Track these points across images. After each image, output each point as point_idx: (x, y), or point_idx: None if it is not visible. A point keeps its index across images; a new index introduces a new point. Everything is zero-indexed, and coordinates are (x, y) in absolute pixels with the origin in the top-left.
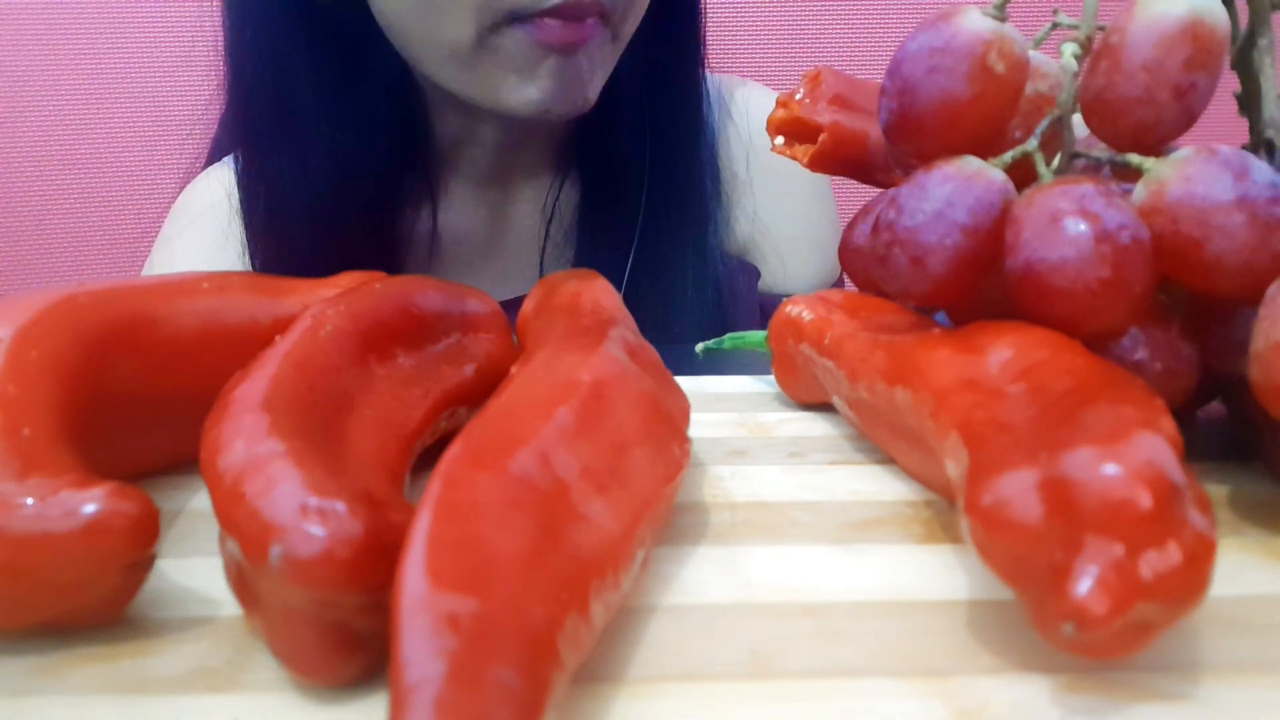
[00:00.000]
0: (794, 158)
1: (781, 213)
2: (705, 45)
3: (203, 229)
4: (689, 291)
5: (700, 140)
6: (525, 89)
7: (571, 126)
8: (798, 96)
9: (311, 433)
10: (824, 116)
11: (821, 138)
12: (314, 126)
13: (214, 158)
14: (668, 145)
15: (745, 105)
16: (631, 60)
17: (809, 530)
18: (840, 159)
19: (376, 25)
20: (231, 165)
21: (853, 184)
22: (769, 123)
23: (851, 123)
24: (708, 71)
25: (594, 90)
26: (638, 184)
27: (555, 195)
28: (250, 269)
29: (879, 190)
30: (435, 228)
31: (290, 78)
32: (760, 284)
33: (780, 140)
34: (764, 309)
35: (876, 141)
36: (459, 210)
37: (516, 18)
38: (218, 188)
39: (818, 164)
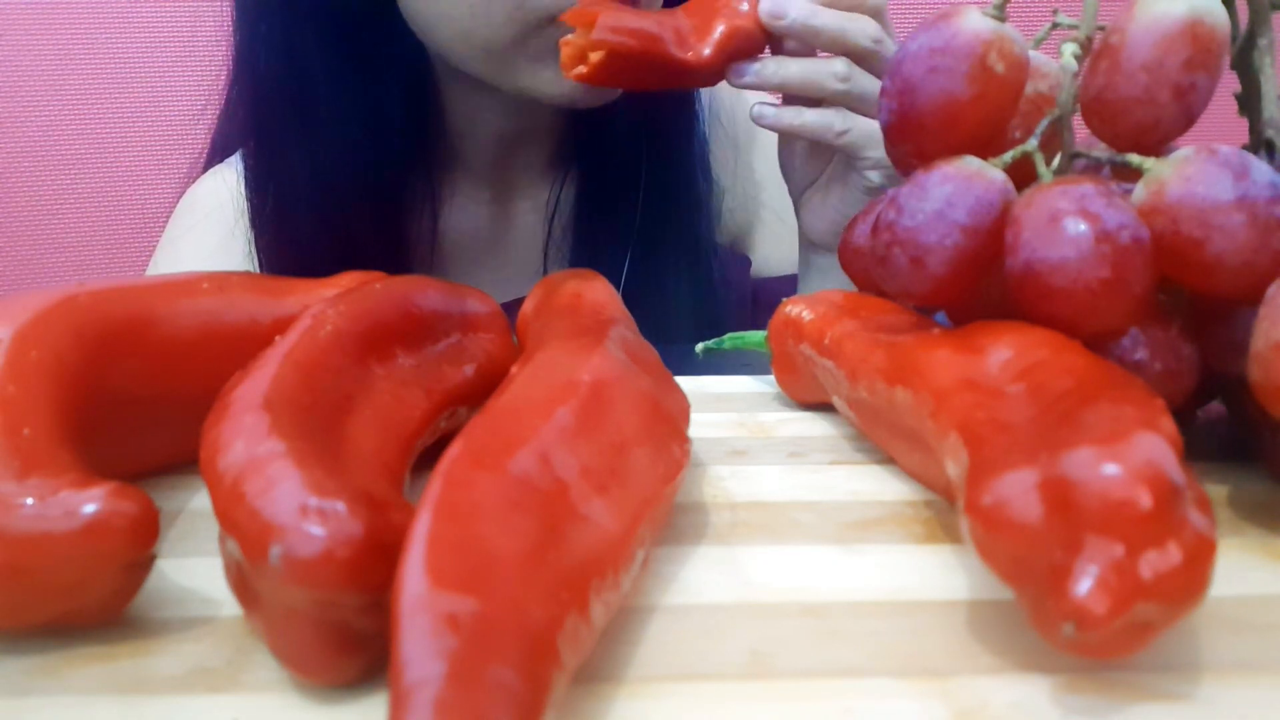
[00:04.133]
0: (592, 66)
1: (766, 202)
2: None
3: (209, 229)
4: (684, 285)
5: (693, 136)
6: (558, 82)
7: (571, 122)
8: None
9: (311, 433)
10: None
11: (601, 14)
12: (326, 119)
13: (216, 156)
14: (663, 141)
15: (731, 102)
16: None
17: (809, 530)
18: (628, 33)
19: (392, 15)
20: (236, 165)
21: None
22: (564, 66)
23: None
24: None
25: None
26: (634, 180)
27: (558, 192)
28: (256, 269)
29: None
30: (437, 228)
31: (303, 69)
32: (751, 271)
33: (582, 69)
34: (756, 295)
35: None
36: (462, 211)
37: (554, 17)
38: (223, 188)
39: (608, 39)
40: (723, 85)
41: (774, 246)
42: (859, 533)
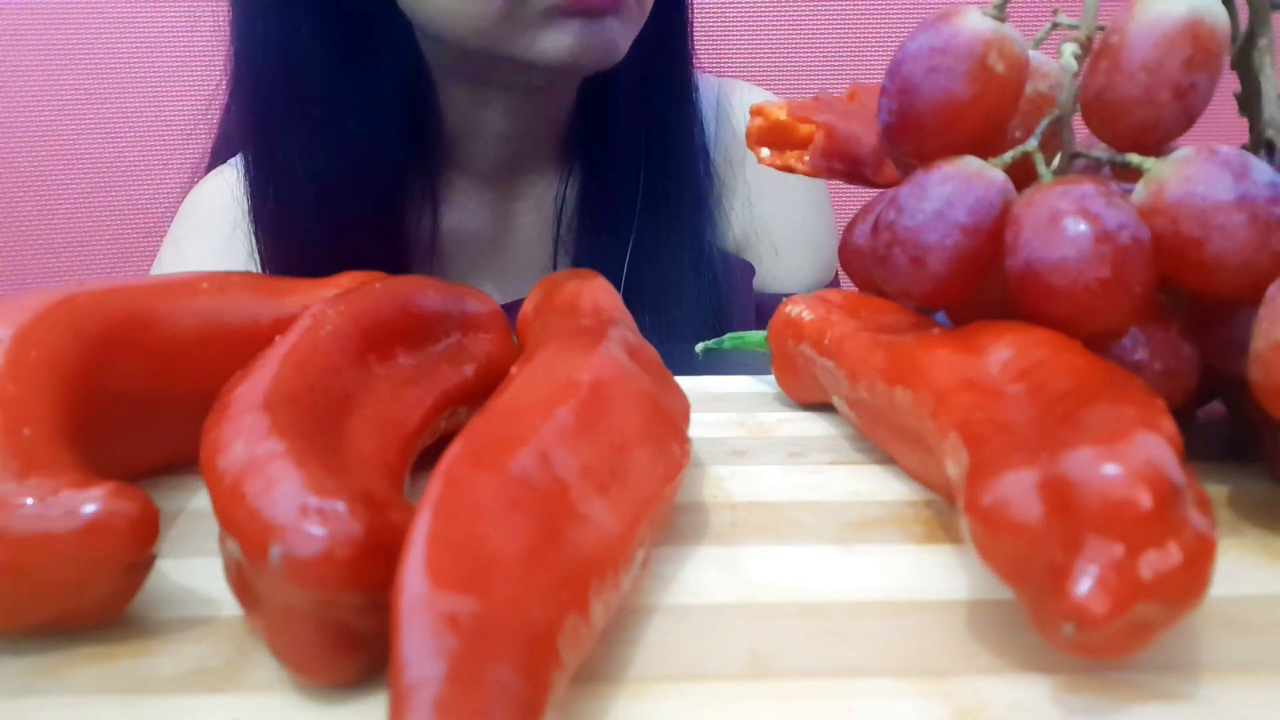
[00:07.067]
0: (787, 167)
1: (777, 212)
2: (693, 41)
3: (212, 229)
4: (687, 283)
5: (694, 134)
6: (556, 40)
7: (572, 120)
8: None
9: (311, 433)
10: (818, 116)
11: (818, 135)
12: (324, 118)
13: (218, 157)
14: (662, 140)
15: (744, 107)
16: (626, 57)
17: (809, 530)
18: (839, 157)
19: (387, 12)
20: (238, 165)
21: (851, 185)
22: (748, 135)
23: (844, 122)
24: (706, 73)
25: (624, 45)
26: (635, 179)
27: (563, 192)
28: (259, 269)
29: (876, 191)
30: (437, 227)
31: (301, 67)
32: (756, 282)
33: (766, 152)
34: (760, 309)
35: (869, 140)
36: (464, 211)
37: None
38: (225, 189)
39: (819, 166)
40: (734, 85)
41: (772, 262)
42: (859, 533)
